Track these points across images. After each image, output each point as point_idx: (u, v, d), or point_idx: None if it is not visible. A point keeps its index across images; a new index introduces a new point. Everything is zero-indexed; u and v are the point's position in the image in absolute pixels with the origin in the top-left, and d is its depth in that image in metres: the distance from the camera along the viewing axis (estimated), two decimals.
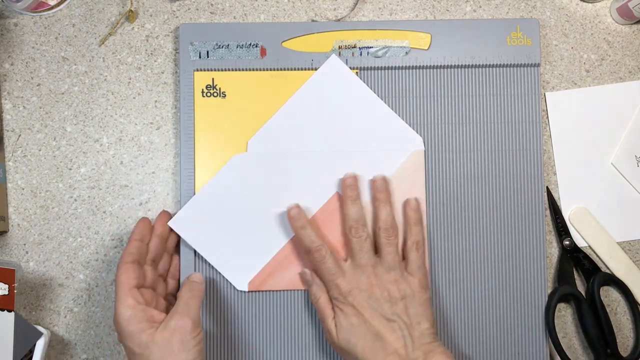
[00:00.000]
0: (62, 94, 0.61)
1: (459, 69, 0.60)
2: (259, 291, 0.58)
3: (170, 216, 0.57)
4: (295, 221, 0.56)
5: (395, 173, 0.59)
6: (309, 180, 0.58)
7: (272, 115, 0.59)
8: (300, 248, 0.57)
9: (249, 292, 0.58)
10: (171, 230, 0.57)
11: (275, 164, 0.58)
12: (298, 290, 0.58)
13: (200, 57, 0.60)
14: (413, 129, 0.60)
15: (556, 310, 0.60)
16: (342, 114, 0.59)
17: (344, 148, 0.59)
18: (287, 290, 0.58)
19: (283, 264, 0.58)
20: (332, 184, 0.58)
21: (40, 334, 0.56)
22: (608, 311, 0.60)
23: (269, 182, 0.58)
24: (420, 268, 0.55)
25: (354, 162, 0.58)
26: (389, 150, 0.59)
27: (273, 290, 0.58)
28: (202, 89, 0.60)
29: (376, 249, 0.56)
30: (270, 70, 0.60)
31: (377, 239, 0.56)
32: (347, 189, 0.57)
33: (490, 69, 0.60)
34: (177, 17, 0.62)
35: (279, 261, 0.58)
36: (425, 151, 0.60)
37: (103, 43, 0.62)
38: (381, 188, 0.57)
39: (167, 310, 0.53)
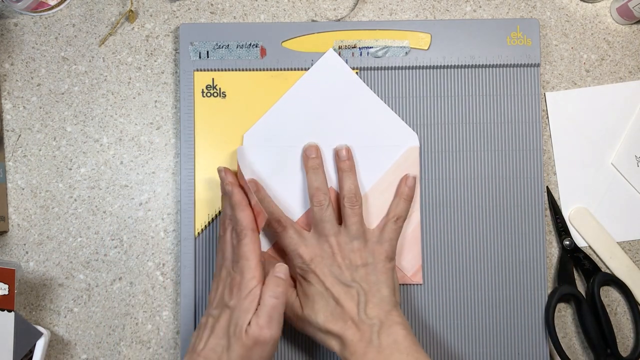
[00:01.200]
0: (62, 94, 0.61)
1: (459, 69, 0.60)
2: None
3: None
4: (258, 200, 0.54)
5: (391, 169, 0.59)
6: (303, 175, 0.58)
7: (268, 110, 0.59)
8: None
9: None
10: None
11: (270, 157, 0.59)
12: None
13: (200, 57, 0.60)
14: (413, 129, 0.60)
15: (556, 310, 0.60)
16: (338, 109, 0.59)
17: (339, 143, 0.59)
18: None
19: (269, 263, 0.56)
20: (327, 178, 0.58)
21: (40, 334, 0.56)
22: (608, 311, 0.60)
23: (263, 175, 0.58)
24: (391, 240, 0.55)
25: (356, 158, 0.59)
26: (384, 146, 0.59)
27: None
28: (202, 89, 0.60)
29: (340, 220, 0.56)
30: (270, 70, 0.60)
31: (341, 208, 0.56)
32: (308, 159, 0.57)
33: (490, 69, 0.60)
34: (177, 17, 0.62)
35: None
36: (424, 151, 0.60)
37: (103, 43, 0.62)
38: (344, 157, 0.57)
39: None
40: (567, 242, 0.60)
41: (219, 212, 0.59)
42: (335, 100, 0.59)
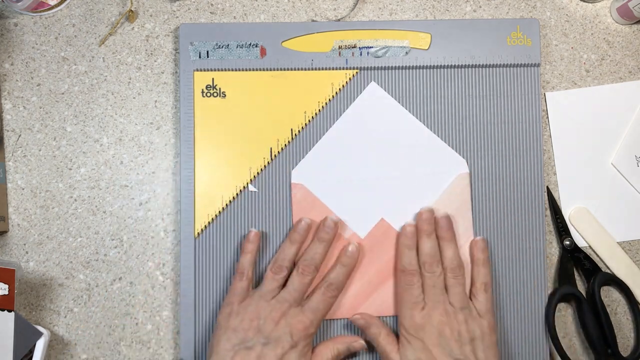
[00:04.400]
0: (62, 94, 0.61)
1: (459, 69, 0.60)
2: None
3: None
4: (405, 239, 0.56)
5: (442, 197, 0.59)
6: (355, 208, 0.59)
7: (315, 145, 0.59)
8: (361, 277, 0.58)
9: None
10: None
11: (321, 193, 0.59)
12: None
13: (200, 57, 0.60)
14: None
15: (556, 310, 0.60)
16: (384, 140, 0.59)
17: (388, 174, 0.59)
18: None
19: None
20: (378, 210, 0.59)
21: (40, 334, 0.56)
22: (608, 311, 0.60)
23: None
24: (489, 310, 0.55)
25: (399, 188, 0.59)
26: (433, 175, 0.59)
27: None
28: (202, 89, 0.60)
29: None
30: (270, 70, 0.60)
31: (445, 279, 0.55)
32: (423, 223, 0.57)
33: (490, 69, 0.60)
34: (177, 17, 0.62)
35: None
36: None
37: (103, 43, 0.62)
38: (446, 227, 0.57)
39: None
40: (567, 242, 0.60)
41: (219, 212, 0.59)
42: (380, 132, 0.59)
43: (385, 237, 0.58)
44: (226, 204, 0.59)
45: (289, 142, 0.60)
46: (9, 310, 0.54)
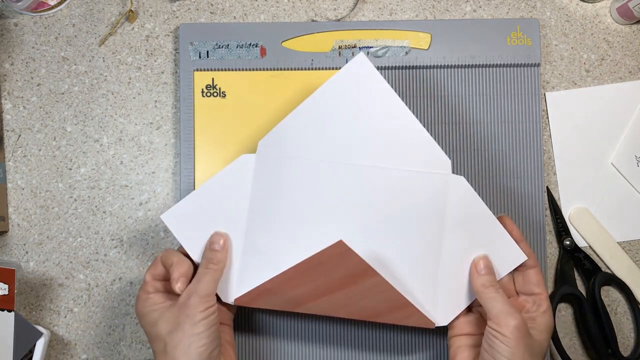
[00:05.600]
0: (62, 94, 0.61)
1: (459, 69, 0.60)
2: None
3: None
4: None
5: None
6: (322, 194, 0.52)
7: (287, 115, 0.52)
8: (312, 272, 0.50)
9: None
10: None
11: (287, 171, 0.52)
12: (287, 314, 0.57)
13: (200, 57, 0.60)
14: None
15: (557, 310, 0.60)
16: (365, 123, 0.52)
17: (362, 162, 0.52)
18: (278, 311, 0.55)
19: (284, 285, 0.51)
20: (348, 202, 0.52)
21: (40, 334, 0.56)
22: (609, 311, 0.60)
23: (276, 190, 0.52)
24: None
25: (376, 180, 0.52)
26: (416, 172, 0.52)
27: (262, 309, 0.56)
28: (202, 89, 0.60)
29: None
30: (270, 70, 0.60)
31: None
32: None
33: (490, 69, 0.60)
34: (177, 17, 0.62)
35: (280, 282, 0.51)
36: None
37: (103, 43, 0.62)
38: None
39: None
40: (567, 242, 0.60)
41: None
42: (362, 112, 0.52)
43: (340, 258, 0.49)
44: None
45: None
46: (9, 310, 0.54)
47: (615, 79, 0.63)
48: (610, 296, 0.61)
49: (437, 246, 0.52)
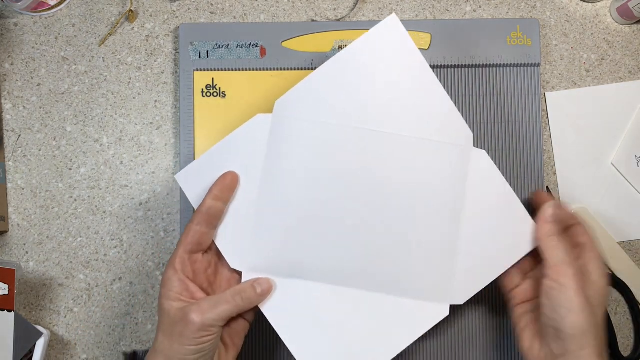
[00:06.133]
0: (62, 94, 0.61)
1: (459, 69, 0.60)
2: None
3: None
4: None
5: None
6: (339, 158, 0.51)
7: (309, 74, 0.51)
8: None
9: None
10: None
11: (302, 133, 0.50)
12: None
13: (200, 57, 0.60)
14: None
15: None
16: (389, 88, 0.50)
17: (382, 129, 0.50)
18: (289, 278, 0.51)
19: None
20: (365, 168, 0.50)
21: (40, 334, 0.56)
22: (609, 311, 0.60)
23: (291, 152, 0.51)
24: None
25: (395, 149, 0.50)
26: (437, 142, 0.50)
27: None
28: (202, 89, 0.60)
29: None
30: (270, 70, 0.60)
31: None
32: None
33: (490, 69, 0.60)
34: (177, 17, 0.62)
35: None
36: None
37: (103, 43, 0.62)
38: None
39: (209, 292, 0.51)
40: None
41: None
42: (388, 76, 0.50)
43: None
44: None
45: None
46: (9, 310, 0.54)
47: (615, 79, 0.63)
48: (610, 296, 0.61)
49: (456, 223, 0.51)
